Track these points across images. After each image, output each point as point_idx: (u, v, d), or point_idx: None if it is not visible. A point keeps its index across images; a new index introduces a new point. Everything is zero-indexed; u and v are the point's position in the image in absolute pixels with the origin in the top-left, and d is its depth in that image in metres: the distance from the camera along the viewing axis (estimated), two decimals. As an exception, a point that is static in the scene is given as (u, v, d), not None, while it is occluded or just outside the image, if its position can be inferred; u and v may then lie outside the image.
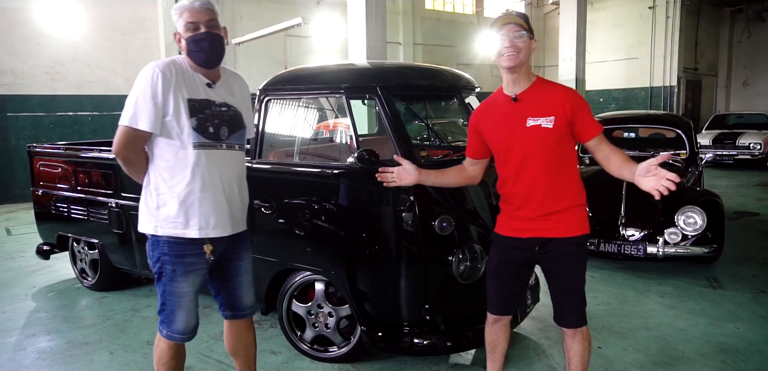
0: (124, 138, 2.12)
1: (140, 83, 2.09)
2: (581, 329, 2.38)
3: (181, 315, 2.26)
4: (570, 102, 2.22)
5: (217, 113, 2.21)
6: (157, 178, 2.18)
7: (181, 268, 2.20)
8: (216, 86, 2.25)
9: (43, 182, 4.92)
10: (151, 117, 2.08)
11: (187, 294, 2.25)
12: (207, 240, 2.20)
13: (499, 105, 2.36)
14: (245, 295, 2.45)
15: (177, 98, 2.11)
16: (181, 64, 2.19)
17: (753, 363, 3.21)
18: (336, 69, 3.65)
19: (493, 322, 2.56)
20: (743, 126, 13.23)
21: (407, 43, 15.69)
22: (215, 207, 2.20)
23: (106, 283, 4.67)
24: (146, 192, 2.23)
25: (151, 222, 2.21)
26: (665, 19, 16.01)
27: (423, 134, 5.08)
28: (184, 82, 2.15)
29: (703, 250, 4.64)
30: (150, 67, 2.11)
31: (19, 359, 3.52)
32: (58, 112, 10.30)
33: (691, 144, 6.05)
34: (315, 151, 3.89)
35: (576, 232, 2.29)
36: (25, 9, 9.78)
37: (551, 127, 2.21)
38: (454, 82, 3.59)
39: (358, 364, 3.23)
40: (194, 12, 2.14)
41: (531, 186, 2.28)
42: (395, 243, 2.89)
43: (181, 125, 2.12)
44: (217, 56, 2.21)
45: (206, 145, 2.17)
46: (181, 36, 2.17)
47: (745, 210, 7.66)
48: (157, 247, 2.21)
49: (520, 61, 2.23)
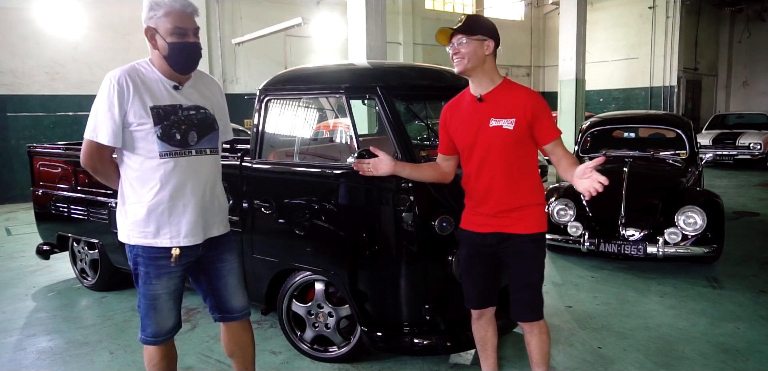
0: (89, 151, 2.09)
1: (100, 95, 2.03)
2: (538, 323, 2.44)
3: (155, 318, 2.22)
4: (531, 105, 2.28)
5: (185, 117, 2.11)
6: (127, 187, 2.14)
7: (154, 271, 2.15)
8: (183, 88, 2.16)
9: (43, 182, 4.92)
10: (109, 130, 2.01)
11: (161, 296, 2.20)
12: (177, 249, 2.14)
13: (466, 104, 2.44)
14: (233, 297, 2.38)
15: (138, 108, 2.02)
16: (142, 70, 2.10)
17: (753, 363, 3.22)
18: (336, 69, 3.65)
19: (477, 318, 2.62)
20: (743, 126, 13.23)
21: (407, 43, 15.70)
22: (187, 216, 2.13)
23: (106, 283, 4.67)
24: (119, 201, 2.20)
25: (124, 231, 2.17)
26: (665, 19, 16.02)
27: (423, 134, 5.08)
28: (145, 89, 2.06)
29: (703, 250, 4.64)
30: (107, 78, 2.03)
31: (19, 359, 3.52)
32: (58, 112, 10.31)
33: (691, 144, 6.05)
34: (315, 151, 3.89)
35: (534, 230, 2.36)
36: (25, 9, 9.78)
37: (512, 129, 2.28)
38: (454, 82, 3.57)
39: (358, 364, 3.23)
40: (184, 17, 2.06)
41: (490, 183, 2.36)
42: (395, 243, 2.89)
43: (145, 134, 2.04)
44: (196, 64, 2.16)
45: (174, 153, 2.08)
46: (160, 36, 2.05)
47: (745, 210, 7.66)
48: (131, 249, 2.18)
49: (466, 67, 2.31)
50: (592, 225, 4.98)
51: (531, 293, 2.41)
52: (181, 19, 2.05)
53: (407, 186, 2.80)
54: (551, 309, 4.07)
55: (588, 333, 3.65)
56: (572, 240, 4.99)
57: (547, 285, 4.62)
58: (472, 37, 2.29)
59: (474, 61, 2.30)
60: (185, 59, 2.09)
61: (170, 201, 2.10)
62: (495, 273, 2.52)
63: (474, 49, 2.29)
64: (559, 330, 3.70)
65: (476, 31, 2.30)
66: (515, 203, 2.35)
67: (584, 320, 3.88)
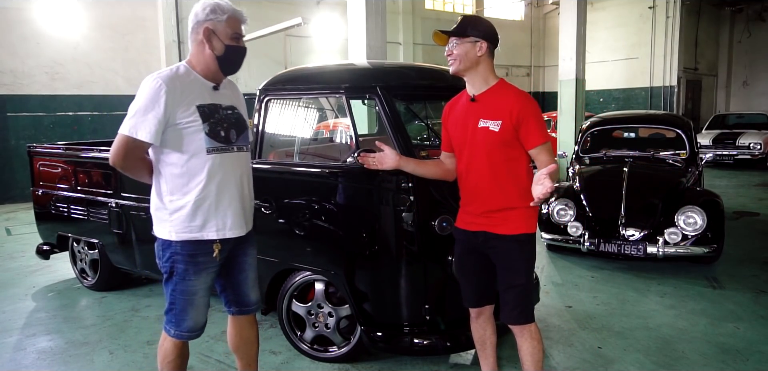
0: (123, 147, 2.12)
1: (143, 94, 2.10)
2: (528, 327, 2.40)
3: (192, 314, 2.28)
4: (517, 109, 2.27)
5: (225, 117, 2.25)
6: (172, 184, 2.19)
7: (193, 267, 2.22)
8: (220, 88, 2.29)
9: (43, 182, 4.92)
10: (152, 128, 2.08)
11: (199, 292, 2.27)
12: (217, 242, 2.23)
13: (462, 103, 2.47)
14: (251, 291, 2.48)
15: (187, 106, 2.13)
16: (185, 72, 2.20)
17: (753, 363, 3.22)
18: (336, 69, 3.65)
19: (475, 317, 2.63)
20: (743, 126, 13.23)
21: (407, 43, 15.69)
22: (232, 209, 2.25)
23: (106, 283, 4.67)
24: (158, 200, 2.24)
25: (166, 228, 2.21)
26: (665, 19, 16.01)
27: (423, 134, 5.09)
28: (190, 90, 2.16)
29: (703, 250, 4.64)
30: (153, 78, 2.11)
31: (19, 359, 3.52)
32: (58, 112, 10.30)
33: (691, 144, 6.05)
34: (315, 151, 3.89)
35: (519, 231, 2.35)
36: (25, 9, 9.78)
37: (497, 131, 2.30)
38: (453, 82, 3.55)
39: (358, 364, 3.23)
40: (241, 24, 2.21)
41: (477, 184, 2.39)
42: (395, 243, 2.89)
43: (194, 132, 2.14)
44: (241, 66, 2.30)
45: (219, 149, 2.20)
46: (219, 38, 2.16)
47: (745, 210, 7.66)
48: (168, 248, 2.22)
49: (459, 68, 2.35)
50: (592, 225, 4.98)
51: (516, 295, 2.38)
52: (239, 25, 2.21)
53: (407, 186, 2.80)
54: (551, 309, 4.07)
55: (588, 333, 3.65)
56: (572, 240, 4.99)
57: (547, 285, 4.63)
58: (464, 39, 2.31)
59: (466, 63, 2.33)
60: (237, 61, 2.25)
61: (217, 195, 2.21)
62: (488, 272, 2.50)
63: (466, 50, 2.32)
64: (559, 330, 3.70)
65: (469, 32, 2.32)
66: (500, 204, 2.35)
67: (584, 320, 3.88)
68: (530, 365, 2.41)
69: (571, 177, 5.95)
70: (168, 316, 2.30)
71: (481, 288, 2.56)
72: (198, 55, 2.21)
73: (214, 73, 2.23)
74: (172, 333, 2.31)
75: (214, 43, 2.17)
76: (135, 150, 2.14)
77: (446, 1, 17.53)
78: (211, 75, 2.24)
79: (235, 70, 2.28)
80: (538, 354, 2.41)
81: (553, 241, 5.19)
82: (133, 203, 4.07)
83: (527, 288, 2.40)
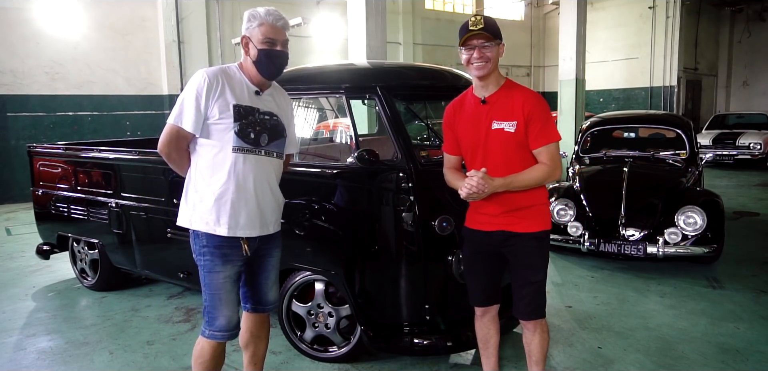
0: (169, 135, 2.26)
1: (189, 86, 2.24)
2: (540, 321, 2.44)
3: (223, 310, 2.32)
4: (528, 108, 2.29)
5: (260, 120, 2.32)
6: (198, 175, 2.30)
7: (219, 260, 2.28)
8: (263, 95, 2.36)
9: (43, 182, 4.92)
10: (193, 118, 2.21)
11: (225, 285, 2.31)
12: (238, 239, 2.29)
13: (470, 105, 2.45)
14: (270, 291, 2.54)
15: (222, 104, 2.22)
16: (231, 71, 2.32)
17: (753, 363, 3.22)
18: (336, 69, 3.65)
19: (480, 316, 2.63)
20: (743, 126, 13.23)
21: (407, 43, 15.69)
22: (246, 209, 2.29)
23: (106, 283, 4.67)
24: (187, 189, 2.35)
25: (188, 216, 2.32)
26: (665, 19, 16.00)
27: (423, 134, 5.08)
28: (231, 89, 2.26)
29: (703, 250, 4.64)
30: (200, 72, 2.25)
31: (19, 359, 3.52)
32: (58, 112, 10.30)
33: (691, 144, 6.05)
34: (315, 151, 3.89)
35: (537, 228, 2.37)
36: (25, 9, 9.78)
37: (513, 132, 2.30)
38: (454, 82, 3.59)
39: (358, 364, 3.23)
40: (275, 29, 2.28)
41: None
42: (395, 243, 2.89)
43: (224, 129, 2.23)
44: (281, 70, 2.36)
45: (245, 149, 2.26)
46: (253, 43, 2.27)
47: (745, 210, 7.66)
48: (197, 239, 2.31)
49: (490, 71, 2.32)
50: (592, 225, 4.98)
51: (534, 291, 2.41)
52: (273, 30, 2.28)
53: (407, 186, 2.80)
54: (551, 309, 4.07)
55: (588, 333, 3.65)
56: (572, 240, 4.99)
57: (548, 285, 4.60)
58: (495, 41, 2.30)
59: (494, 65, 2.34)
60: (271, 65, 2.30)
61: (235, 193, 2.26)
62: (497, 271, 2.52)
63: (496, 53, 2.32)
64: (559, 330, 3.70)
65: (498, 35, 2.31)
66: (518, 203, 2.36)
67: (584, 320, 3.88)
68: (539, 356, 2.46)
69: (571, 177, 5.95)
70: (204, 317, 2.36)
71: (489, 287, 2.56)
72: (245, 61, 2.35)
73: (255, 77, 2.32)
74: (206, 334, 2.36)
75: (251, 50, 2.30)
76: (180, 140, 2.27)
77: (446, 1, 17.53)
78: (255, 79, 2.33)
79: (274, 73, 2.34)
80: (546, 346, 2.47)
81: (553, 241, 5.18)
82: (133, 203, 4.07)
83: (543, 285, 2.44)
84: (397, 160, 2.87)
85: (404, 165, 2.83)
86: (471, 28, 2.29)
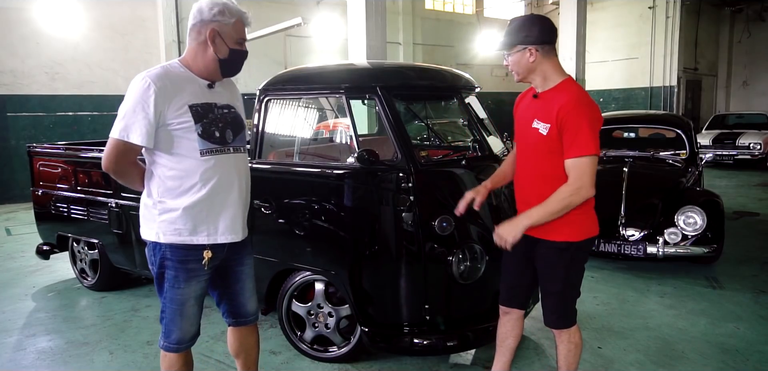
0: (115, 151, 2.03)
1: (132, 95, 2.00)
2: (567, 331, 2.41)
3: (180, 324, 2.19)
4: (563, 114, 2.15)
5: (220, 116, 2.15)
6: (161, 186, 2.10)
7: (183, 274, 2.13)
8: (216, 87, 2.19)
9: (43, 182, 4.92)
10: (143, 130, 1.99)
11: (188, 300, 2.18)
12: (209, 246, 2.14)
13: (527, 99, 2.42)
14: (248, 302, 2.40)
15: (177, 106, 2.03)
16: (177, 70, 2.11)
17: (753, 363, 3.22)
18: (336, 69, 3.65)
19: (502, 315, 2.62)
20: (743, 126, 13.23)
21: (407, 43, 15.68)
22: (225, 214, 2.15)
23: (106, 283, 4.67)
24: (148, 201, 2.16)
25: (154, 229, 2.13)
26: (665, 19, 16.00)
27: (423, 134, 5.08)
28: (182, 89, 2.07)
29: (703, 250, 4.64)
30: (141, 78, 2.01)
31: (19, 359, 3.52)
32: (58, 112, 10.29)
33: (691, 144, 6.05)
34: (315, 151, 3.89)
35: (560, 238, 2.29)
36: (25, 9, 9.77)
37: (545, 134, 2.22)
38: (454, 82, 3.59)
39: (358, 364, 3.23)
40: (245, 28, 2.16)
41: (524, 184, 2.37)
42: (395, 243, 2.89)
43: (185, 132, 2.05)
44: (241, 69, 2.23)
45: (214, 151, 2.10)
46: (223, 40, 2.08)
47: (745, 210, 7.66)
48: (158, 251, 2.14)
49: (519, 78, 2.32)
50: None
51: (553, 301, 2.38)
52: (245, 31, 2.16)
53: (407, 186, 2.80)
54: (551, 309, 4.07)
55: (588, 333, 3.65)
56: (572, 240, 4.98)
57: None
58: (513, 50, 2.27)
59: (523, 71, 2.28)
60: (238, 65, 2.18)
61: (209, 199, 2.10)
62: (526, 275, 2.48)
63: (517, 60, 2.28)
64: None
65: (514, 42, 2.26)
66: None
67: (584, 320, 3.88)
68: (563, 366, 2.44)
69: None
70: (161, 325, 2.24)
71: (514, 288, 2.54)
72: (198, 55, 2.11)
73: (212, 73, 2.14)
74: (161, 344, 2.24)
75: (219, 46, 2.09)
76: (127, 154, 2.04)
77: (446, 1, 17.52)
78: (209, 75, 2.14)
79: (235, 73, 2.20)
80: (572, 357, 2.42)
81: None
82: (132, 203, 4.07)
83: (565, 296, 2.37)
84: (397, 160, 2.87)
85: (404, 165, 2.83)
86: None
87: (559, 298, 2.37)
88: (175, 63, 2.15)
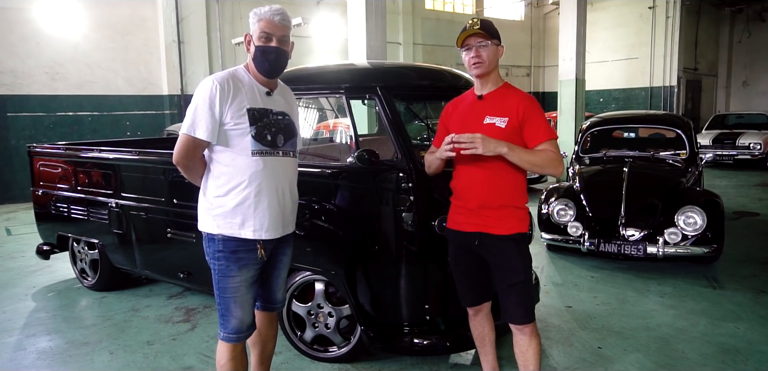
0: (185, 146, 2.24)
1: (199, 94, 2.21)
2: (531, 325, 2.41)
3: (235, 311, 2.32)
4: (523, 107, 2.32)
5: (275, 121, 2.32)
6: (217, 181, 2.28)
7: (235, 264, 2.29)
8: (274, 94, 2.36)
9: (43, 182, 4.92)
10: (208, 126, 2.19)
11: (240, 288, 2.31)
12: (260, 242, 2.29)
13: (467, 102, 2.49)
14: (279, 289, 2.56)
15: (236, 108, 2.22)
16: (240, 75, 2.30)
17: (753, 363, 3.22)
18: (336, 69, 3.65)
19: (473, 315, 2.65)
20: (743, 126, 13.23)
21: (407, 43, 15.69)
22: (270, 212, 2.30)
23: (106, 283, 4.67)
24: (204, 194, 2.34)
25: (209, 222, 2.31)
26: (665, 19, 16.01)
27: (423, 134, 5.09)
28: (243, 92, 2.25)
29: (703, 250, 4.64)
30: (209, 79, 2.23)
31: (19, 359, 3.52)
32: (58, 112, 10.30)
33: (691, 144, 6.05)
34: (315, 151, 3.89)
35: (513, 230, 2.37)
36: (25, 9, 9.78)
37: (504, 127, 2.31)
38: (454, 82, 3.59)
39: (358, 364, 3.23)
40: (270, 24, 2.24)
41: (474, 179, 2.39)
42: (395, 243, 2.89)
43: (241, 133, 2.23)
44: (280, 69, 2.33)
45: (264, 152, 2.27)
46: (252, 41, 2.26)
47: (745, 210, 7.66)
48: (212, 244, 2.30)
49: (486, 70, 2.36)
50: (592, 225, 4.97)
51: (517, 293, 2.38)
52: (269, 25, 2.24)
53: (407, 186, 2.80)
54: (551, 309, 4.07)
55: (588, 333, 3.65)
56: (572, 240, 4.99)
57: (548, 285, 4.63)
58: (492, 40, 2.34)
59: (491, 65, 2.37)
60: (265, 61, 2.27)
61: (257, 196, 2.27)
62: (483, 270, 2.50)
63: (493, 52, 2.36)
64: (559, 330, 3.70)
65: (495, 35, 2.36)
66: (496, 202, 2.36)
67: (584, 320, 3.88)
68: (534, 364, 2.42)
69: (571, 177, 5.95)
70: (219, 319, 2.36)
71: (477, 286, 2.57)
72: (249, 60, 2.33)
73: (261, 78, 2.31)
74: (221, 336, 2.36)
75: (251, 47, 2.28)
76: (195, 149, 2.25)
77: (446, 1, 17.53)
78: (261, 79, 2.32)
79: (269, 70, 2.29)
80: (539, 352, 2.44)
81: (553, 241, 5.19)
82: (133, 203, 4.07)
83: (528, 286, 2.41)
84: (397, 160, 2.87)
85: (404, 165, 2.83)
86: (468, 29, 2.35)
87: (523, 288, 2.38)
88: (241, 68, 2.35)
